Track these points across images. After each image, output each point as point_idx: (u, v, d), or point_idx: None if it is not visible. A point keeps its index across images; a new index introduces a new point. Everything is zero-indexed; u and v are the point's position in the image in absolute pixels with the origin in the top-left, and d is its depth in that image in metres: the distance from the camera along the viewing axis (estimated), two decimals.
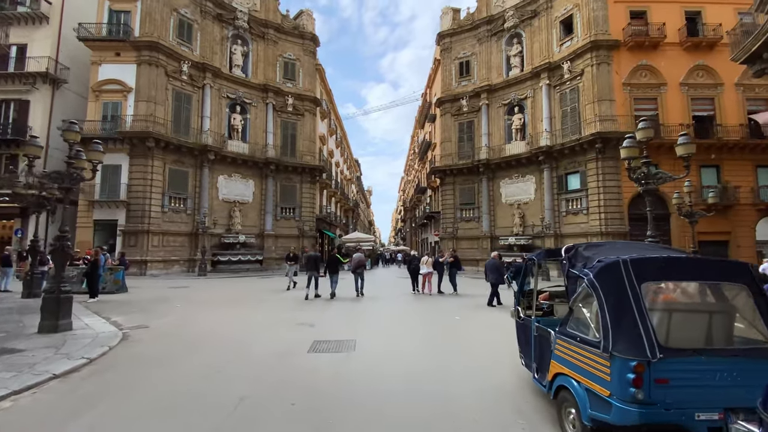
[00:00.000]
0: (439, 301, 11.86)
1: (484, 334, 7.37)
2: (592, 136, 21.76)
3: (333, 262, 13.48)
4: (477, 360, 5.66)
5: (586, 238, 22.54)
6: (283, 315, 9.26)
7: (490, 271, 11.44)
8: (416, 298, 12.98)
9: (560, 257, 3.83)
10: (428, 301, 12.17)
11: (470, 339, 7.00)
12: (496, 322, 8.76)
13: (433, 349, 6.22)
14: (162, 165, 23.16)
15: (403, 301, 12.19)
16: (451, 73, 30.22)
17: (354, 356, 5.74)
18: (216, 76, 26.05)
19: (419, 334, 7.32)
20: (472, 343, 6.66)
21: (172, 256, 23.10)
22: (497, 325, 8.34)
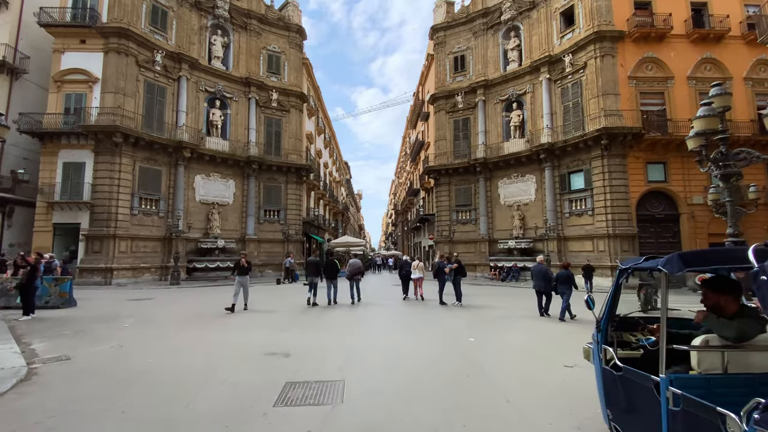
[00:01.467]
0: (443, 315, 10.10)
1: (518, 367, 5.59)
2: (597, 132, 20.36)
3: (331, 267, 12.43)
4: (526, 419, 3.90)
5: (592, 240, 21.12)
6: (255, 337, 7.40)
7: (537, 278, 10.11)
8: (413, 310, 11.23)
9: (743, 264, 1.99)
10: (429, 314, 10.41)
11: (501, 375, 5.21)
12: (521, 344, 7.03)
13: (452, 396, 4.44)
14: (131, 163, 21.06)
15: (401, 316, 10.38)
16: (446, 68, 28.73)
17: (341, 412, 3.93)
18: (193, 68, 24.08)
19: (427, 368, 5.55)
20: (506, 384, 4.88)
21: (142, 263, 20.95)
22: (526, 350, 6.62)
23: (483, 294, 15.89)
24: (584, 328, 8.52)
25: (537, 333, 8.14)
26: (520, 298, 14.65)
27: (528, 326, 8.87)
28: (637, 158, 21.04)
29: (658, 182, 21.07)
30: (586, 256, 20.77)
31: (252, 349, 6.43)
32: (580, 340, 7.35)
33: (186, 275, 22.29)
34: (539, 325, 9.19)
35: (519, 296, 15.64)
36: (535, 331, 8.36)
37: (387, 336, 7.59)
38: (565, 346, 6.90)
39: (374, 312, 10.91)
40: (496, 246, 25.05)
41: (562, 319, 9.46)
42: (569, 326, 8.94)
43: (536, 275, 10.24)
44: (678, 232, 20.91)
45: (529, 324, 9.17)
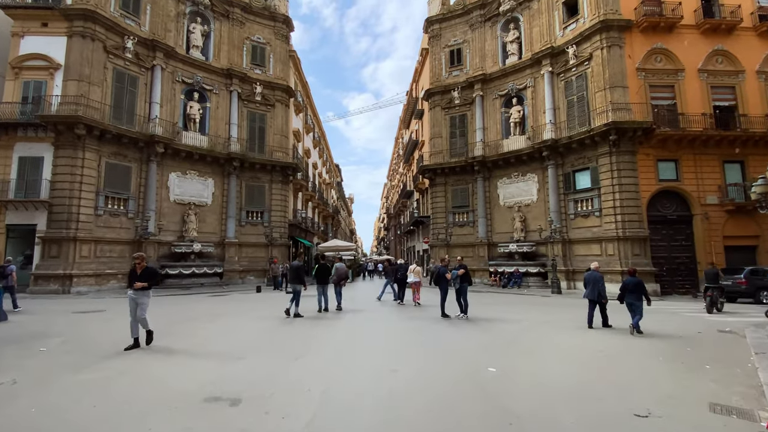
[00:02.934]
0: (449, 333, 8.31)
1: (575, 418, 3.87)
2: (605, 127, 18.89)
3: (323, 272, 11.28)
4: None
5: (600, 244, 19.60)
6: (202, 369, 5.56)
7: (593, 287, 9.04)
8: (412, 326, 9.43)
9: None
10: (431, 330, 8.61)
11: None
12: (564, 377, 5.29)
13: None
14: (96, 158, 19.04)
15: (398, 333, 8.54)
16: (441, 62, 27.21)
17: None
18: (169, 57, 22.18)
19: (437, 422, 3.79)
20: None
21: (108, 268, 18.87)
22: (574, 387, 4.87)
23: (488, 303, 14.16)
24: (645, 348, 6.85)
25: (579, 357, 6.40)
26: (537, 308, 12.98)
27: (563, 346, 7.14)
28: (647, 155, 19.62)
29: (670, 181, 19.67)
30: (593, 260, 19.18)
31: (189, 390, 4.59)
32: (644, 369, 5.67)
33: None
34: (577, 343, 7.48)
35: (533, 305, 13.94)
36: (575, 353, 6.62)
37: (379, 365, 5.78)
38: (625, 378, 5.19)
39: (365, 327, 9.10)
40: (496, 250, 23.42)
41: (637, 331, 8.28)
42: (618, 344, 7.26)
43: (591, 283, 9.11)
44: (691, 235, 19.49)
45: (563, 343, 7.45)
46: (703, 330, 9.18)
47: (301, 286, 10.23)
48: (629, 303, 8.48)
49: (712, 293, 12.46)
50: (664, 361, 6.29)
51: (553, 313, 11.68)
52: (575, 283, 20.34)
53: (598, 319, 8.93)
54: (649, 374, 5.50)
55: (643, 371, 5.63)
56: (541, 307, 13.22)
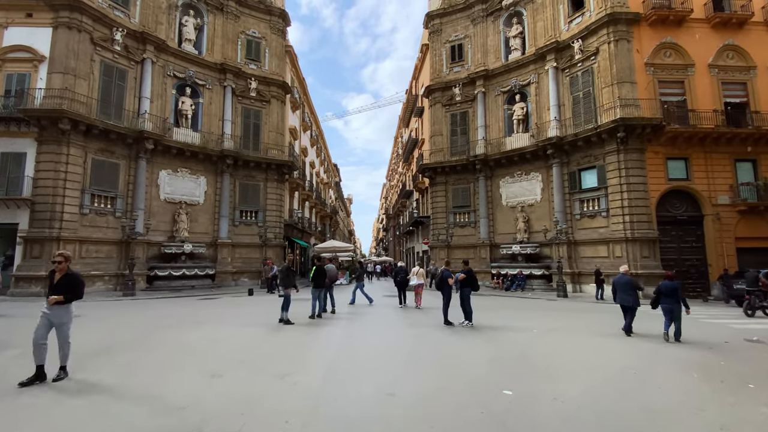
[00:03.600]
0: (453, 343, 7.49)
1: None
2: (613, 124, 18.15)
3: (319, 274, 10.46)
4: None
5: (607, 245, 18.83)
6: (172, 386, 4.78)
7: (623, 291, 8.62)
8: (412, 333, 8.62)
9: None
10: (433, 340, 7.79)
11: None
12: (595, 401, 4.49)
13: None
14: (82, 154, 18.23)
15: (396, 344, 7.69)
16: (442, 58, 26.46)
17: None
18: (160, 50, 21.38)
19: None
20: None
21: (94, 270, 18.03)
22: (608, 413, 4.07)
23: (492, 307, 13.35)
24: (674, 362, 6.07)
25: (605, 374, 5.60)
26: (544, 313, 12.17)
27: (582, 360, 6.34)
28: (656, 153, 18.88)
29: (680, 180, 18.92)
30: (599, 262, 18.51)
31: (141, 416, 3.78)
32: (682, 390, 4.81)
33: (146, 284, 19.42)
34: (597, 355, 6.68)
35: (539, 310, 13.14)
36: (599, 369, 5.80)
37: (374, 386, 4.97)
38: (663, 403, 4.40)
39: (361, 337, 8.26)
40: (499, 251, 22.64)
41: (668, 339, 7.92)
42: (643, 356, 6.47)
43: (621, 287, 8.68)
44: (702, 236, 18.74)
45: (582, 355, 6.65)
46: (729, 339, 8.42)
47: (291, 290, 9.44)
48: (667, 308, 7.97)
49: (750, 298, 12.45)
50: (699, 379, 5.52)
51: (563, 319, 10.89)
52: (581, 286, 19.60)
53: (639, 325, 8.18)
54: (690, 397, 4.72)
55: (681, 393, 4.85)
56: (548, 312, 12.44)
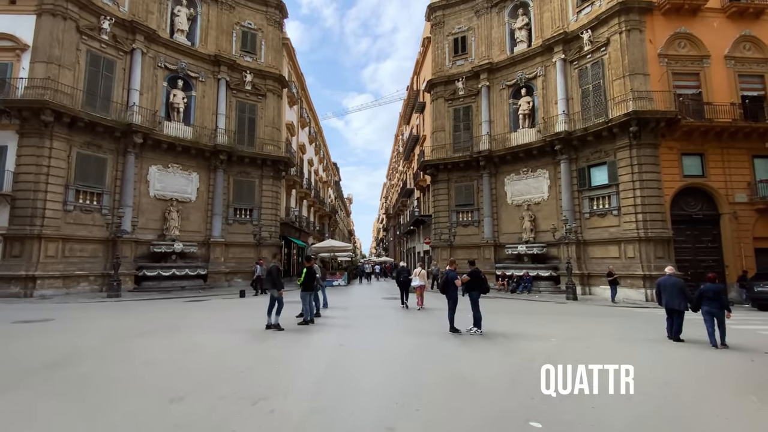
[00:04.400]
0: (463, 356, 6.49)
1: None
2: (625, 117, 17.21)
3: (309, 277, 9.40)
4: None
5: (618, 245, 17.89)
6: (123, 411, 3.86)
7: (670, 293, 7.97)
8: (415, 343, 7.69)
9: None
10: (440, 352, 6.79)
11: None
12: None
13: None
14: (66, 148, 17.32)
15: (397, 357, 6.71)
16: (444, 51, 25.54)
17: None
18: (150, 41, 20.48)
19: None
20: None
21: (78, 270, 17.12)
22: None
23: (499, 311, 12.39)
24: (723, 379, 5.16)
25: (649, 396, 4.66)
26: (558, 318, 11.22)
27: (617, 377, 5.38)
28: (670, 148, 17.95)
29: (695, 177, 17.99)
30: (610, 263, 17.53)
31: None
32: (747, 420, 3.82)
33: (134, 285, 18.51)
34: (632, 370, 5.71)
35: (552, 315, 12.18)
36: (641, 390, 4.81)
37: (368, 418, 4.03)
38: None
39: (356, 348, 7.27)
40: (503, 251, 21.70)
41: (717, 345, 7.25)
42: (685, 371, 5.53)
43: (668, 290, 8.08)
44: (718, 236, 17.80)
45: (615, 370, 5.69)
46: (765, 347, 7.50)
47: (275, 291, 8.52)
48: (709, 312, 7.33)
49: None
50: (760, 402, 4.58)
51: (580, 325, 9.96)
52: (590, 288, 18.67)
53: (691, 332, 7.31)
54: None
55: (746, 425, 3.92)
56: (563, 317, 11.48)
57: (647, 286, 16.53)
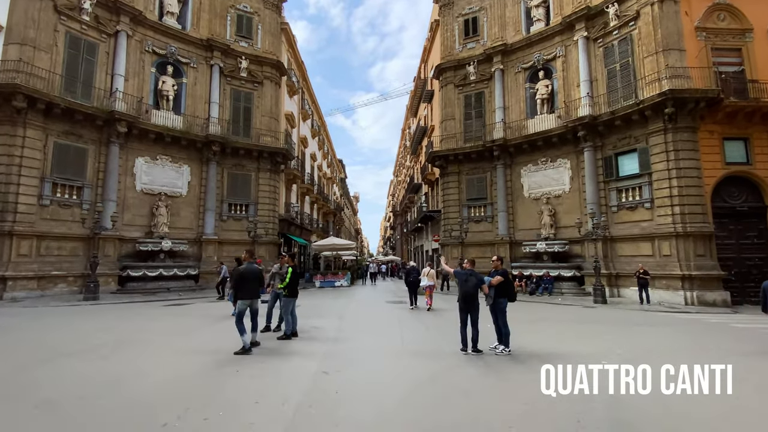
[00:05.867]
0: (492, 397, 4.72)
1: None
2: (660, 97, 15.28)
3: (296, 281, 7.85)
4: None
5: (651, 242, 15.98)
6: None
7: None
8: (428, 374, 5.95)
9: None
10: (461, 392, 4.90)
11: None
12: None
13: None
14: (42, 137, 15.89)
15: (397, 393, 4.90)
16: (454, 33, 23.71)
17: None
18: (137, 23, 18.99)
19: None
20: None
21: (55, 270, 15.68)
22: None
23: (521, 318, 10.45)
24: None
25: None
26: (597, 329, 9.32)
27: None
28: (710, 133, 15.97)
29: (739, 164, 15.99)
30: (642, 262, 15.57)
31: None
32: None
33: (118, 287, 17.04)
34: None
35: (591, 323, 10.32)
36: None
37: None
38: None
39: (345, 379, 5.38)
40: (520, 249, 19.85)
41: None
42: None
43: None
44: (765, 230, 15.79)
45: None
46: None
47: (251, 302, 6.78)
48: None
49: None
50: None
51: (634, 337, 8.13)
52: (619, 289, 16.77)
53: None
54: None
55: None
56: (602, 327, 9.59)
57: (686, 288, 14.63)
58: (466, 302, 6.33)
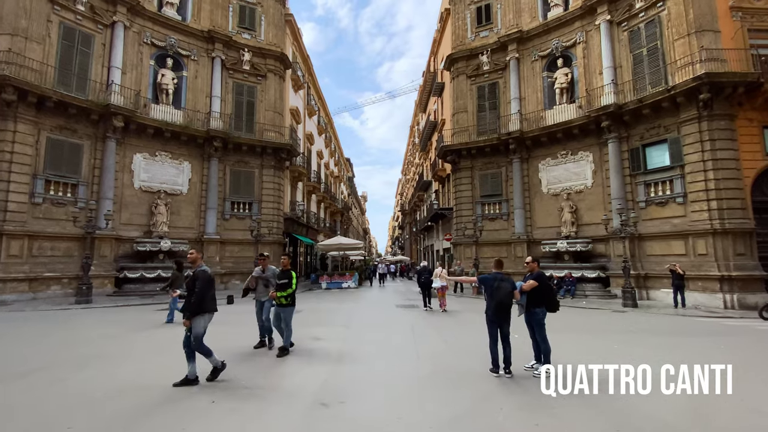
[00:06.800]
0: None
1: None
2: (694, 82, 13.98)
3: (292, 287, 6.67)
4: None
5: (685, 240, 14.70)
6: None
7: None
8: (449, 408, 4.93)
9: None
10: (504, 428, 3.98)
11: None
12: None
13: None
14: (34, 132, 15.14)
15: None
16: (466, 21, 22.56)
17: None
18: (135, 14, 18.21)
19: None
20: None
21: (48, 271, 14.92)
22: None
23: (551, 327, 9.42)
24: None
25: None
26: (651, 340, 8.04)
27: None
28: (750, 120, 14.63)
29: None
30: (674, 261, 14.26)
31: None
32: None
33: (114, 288, 16.25)
34: None
35: (632, 332, 9.04)
36: None
37: None
38: None
39: (347, 417, 4.33)
40: (539, 249, 18.62)
41: None
42: None
43: None
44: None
45: None
46: None
47: (202, 319, 5.07)
48: None
49: None
50: None
51: (687, 349, 6.95)
52: (648, 291, 15.50)
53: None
54: None
55: None
56: (650, 338, 8.32)
57: (725, 290, 13.33)
58: (498, 314, 5.24)
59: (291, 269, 6.77)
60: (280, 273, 6.76)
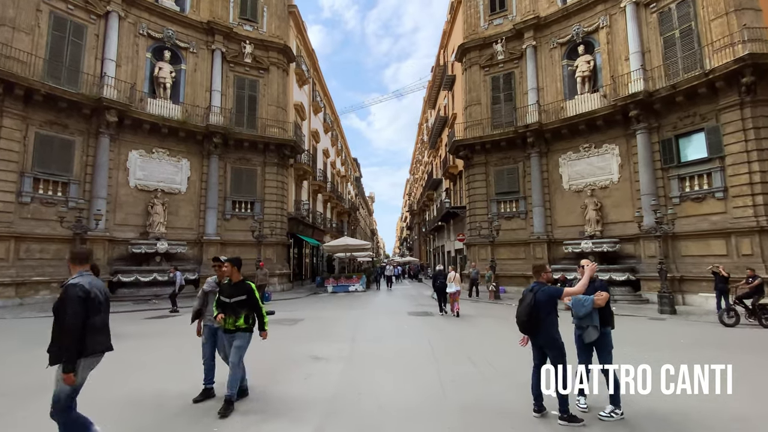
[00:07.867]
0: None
1: None
2: (736, 64, 12.65)
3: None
4: None
5: (725, 239, 13.36)
6: None
7: None
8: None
9: None
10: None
11: None
12: None
13: None
14: (22, 127, 14.27)
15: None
16: (478, 9, 21.35)
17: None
18: (130, 4, 17.34)
19: None
20: None
21: (37, 275, 14.02)
22: None
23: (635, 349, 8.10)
24: None
25: None
26: (703, 354, 6.64)
27: None
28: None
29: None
30: (714, 263, 12.87)
31: None
32: None
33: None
34: None
35: (692, 347, 7.58)
36: None
37: None
38: None
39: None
40: (560, 249, 17.34)
41: None
42: None
43: None
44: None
45: None
46: None
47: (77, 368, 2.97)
48: None
49: None
50: None
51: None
52: (684, 296, 14.13)
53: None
54: None
55: None
56: (706, 353, 7.10)
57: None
58: (531, 324, 4.04)
59: (246, 280, 4.47)
60: (228, 286, 4.43)
